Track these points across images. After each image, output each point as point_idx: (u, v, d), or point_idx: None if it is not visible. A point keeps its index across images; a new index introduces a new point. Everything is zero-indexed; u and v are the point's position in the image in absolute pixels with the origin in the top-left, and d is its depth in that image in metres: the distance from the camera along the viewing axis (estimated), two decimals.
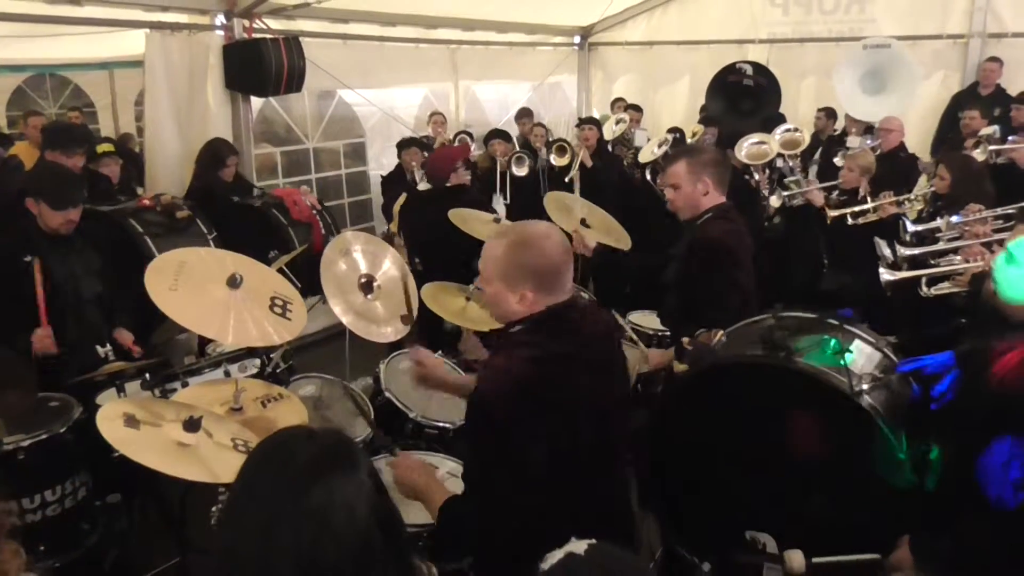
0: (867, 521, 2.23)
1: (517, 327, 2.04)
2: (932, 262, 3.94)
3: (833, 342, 2.40)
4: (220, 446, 2.31)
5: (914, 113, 7.63)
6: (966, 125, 6.49)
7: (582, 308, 2.16)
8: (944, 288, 3.76)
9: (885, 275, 3.90)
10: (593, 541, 1.33)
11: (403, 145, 6.63)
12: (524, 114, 8.24)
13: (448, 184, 4.67)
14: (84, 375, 3.30)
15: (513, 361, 1.94)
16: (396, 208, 5.64)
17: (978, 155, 5.57)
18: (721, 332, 2.68)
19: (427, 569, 1.51)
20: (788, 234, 6.08)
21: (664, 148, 6.32)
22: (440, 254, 4.50)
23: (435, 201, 4.64)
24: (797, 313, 2.69)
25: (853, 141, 6.70)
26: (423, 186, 4.87)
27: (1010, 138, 5.93)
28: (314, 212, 5.61)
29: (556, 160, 6.90)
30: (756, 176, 6.07)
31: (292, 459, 1.28)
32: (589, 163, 6.71)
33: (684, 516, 2.64)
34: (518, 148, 7.32)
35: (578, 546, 1.32)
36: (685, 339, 2.85)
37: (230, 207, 5.40)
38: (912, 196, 5.21)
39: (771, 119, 7.38)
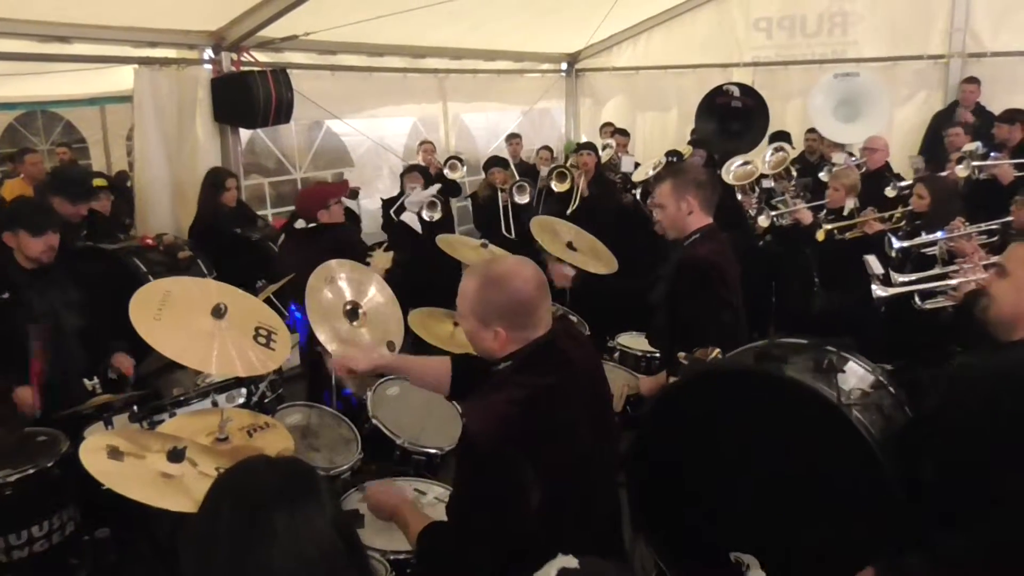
0: (853, 540, 2.22)
1: (502, 365, 2.01)
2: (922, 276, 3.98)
3: (826, 361, 2.41)
4: (205, 476, 2.31)
5: (897, 133, 7.75)
6: (951, 142, 6.56)
7: (571, 335, 2.16)
8: (938, 302, 3.78)
9: (877, 291, 3.91)
10: (582, 557, 1.33)
11: (406, 171, 6.73)
12: (514, 136, 8.34)
13: (318, 223, 4.38)
14: (71, 409, 3.28)
15: (499, 402, 1.91)
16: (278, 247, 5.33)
17: (961, 171, 5.63)
18: (717, 350, 2.69)
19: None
20: (780, 254, 6.12)
21: (659, 170, 6.32)
22: None
23: (313, 239, 4.38)
24: (793, 340, 2.69)
25: (839, 158, 6.74)
26: (300, 224, 4.58)
27: (992, 155, 5.99)
28: None
29: (557, 186, 6.81)
30: (740, 196, 6.11)
31: (253, 485, 1.30)
32: (587, 192, 6.64)
33: (677, 541, 2.62)
34: (516, 174, 7.29)
35: (570, 561, 1.32)
36: (681, 354, 2.85)
37: (230, 238, 5.42)
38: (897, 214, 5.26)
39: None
